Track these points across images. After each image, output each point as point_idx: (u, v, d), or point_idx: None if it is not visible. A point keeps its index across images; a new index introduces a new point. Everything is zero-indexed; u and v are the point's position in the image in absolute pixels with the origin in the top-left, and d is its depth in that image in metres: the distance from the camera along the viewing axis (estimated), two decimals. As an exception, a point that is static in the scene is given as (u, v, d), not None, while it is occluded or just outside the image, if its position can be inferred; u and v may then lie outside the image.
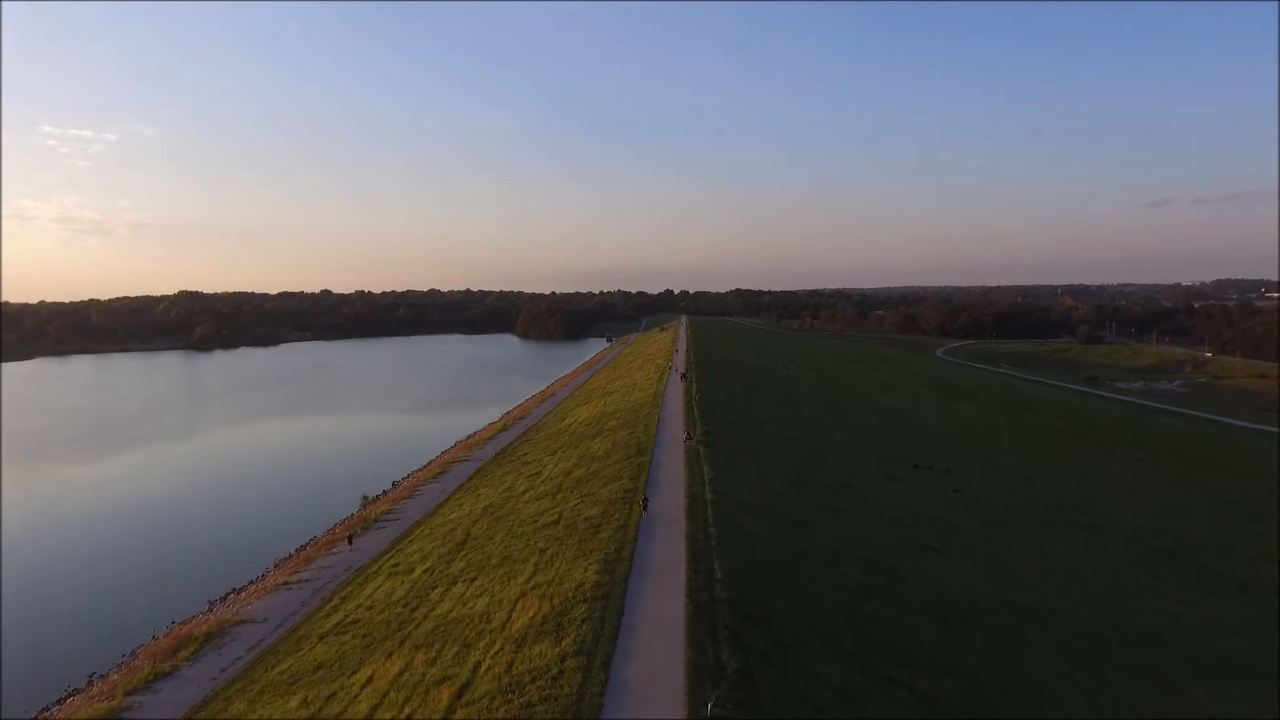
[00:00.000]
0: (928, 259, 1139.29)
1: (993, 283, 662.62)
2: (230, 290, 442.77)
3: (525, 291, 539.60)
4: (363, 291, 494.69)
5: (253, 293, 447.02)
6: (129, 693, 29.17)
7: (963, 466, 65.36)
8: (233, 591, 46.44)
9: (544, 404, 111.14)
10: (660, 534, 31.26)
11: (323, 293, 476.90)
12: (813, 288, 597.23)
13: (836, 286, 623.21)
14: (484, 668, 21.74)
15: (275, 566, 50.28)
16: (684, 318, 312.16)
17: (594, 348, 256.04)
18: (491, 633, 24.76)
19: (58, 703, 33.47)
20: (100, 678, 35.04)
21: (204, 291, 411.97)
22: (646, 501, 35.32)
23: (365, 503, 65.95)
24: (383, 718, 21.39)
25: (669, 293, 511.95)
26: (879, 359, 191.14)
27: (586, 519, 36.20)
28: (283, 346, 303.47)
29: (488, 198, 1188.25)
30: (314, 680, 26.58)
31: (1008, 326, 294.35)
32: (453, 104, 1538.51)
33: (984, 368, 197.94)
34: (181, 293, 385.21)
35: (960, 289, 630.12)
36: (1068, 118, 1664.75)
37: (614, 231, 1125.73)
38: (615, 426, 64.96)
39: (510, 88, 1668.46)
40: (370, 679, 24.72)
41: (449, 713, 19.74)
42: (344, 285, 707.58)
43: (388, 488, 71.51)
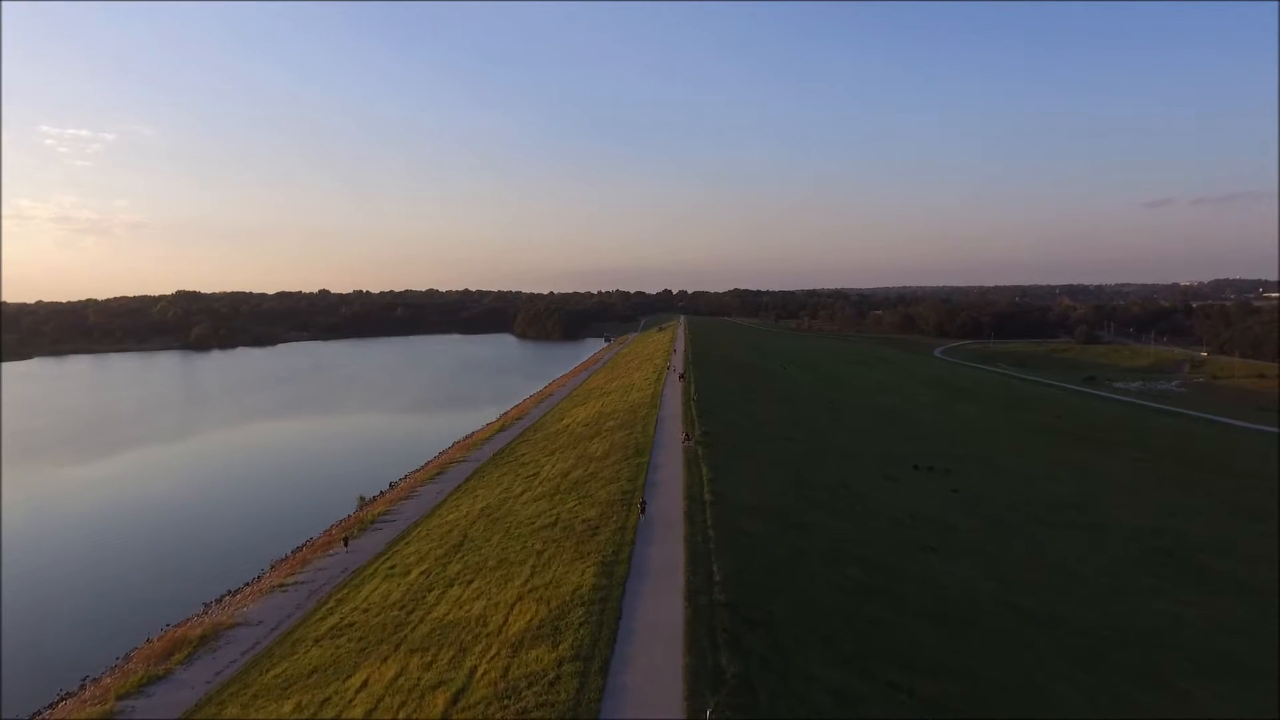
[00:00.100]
0: (926, 259, 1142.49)
1: (991, 283, 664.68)
2: (228, 290, 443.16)
3: (523, 291, 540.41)
4: (361, 291, 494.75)
5: (250, 293, 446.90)
6: (121, 697, 28.88)
7: (962, 467, 65.21)
8: (228, 593, 46.17)
9: (542, 404, 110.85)
10: (658, 536, 31.02)
11: (321, 293, 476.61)
12: (811, 288, 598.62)
13: (835, 286, 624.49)
14: (480, 672, 21.49)
15: (271, 568, 50.00)
16: (682, 318, 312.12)
17: (592, 348, 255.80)
18: (488, 636, 24.52)
19: (49, 706, 33.21)
20: (93, 681, 34.77)
21: (202, 291, 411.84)
22: (644, 503, 35.05)
23: (362, 504, 65.68)
24: (377, 723, 21.15)
25: (667, 293, 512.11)
26: (877, 359, 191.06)
27: (584, 521, 35.94)
28: (280, 346, 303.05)
29: (487, 198, 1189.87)
30: (308, 685, 26.31)
31: (1006, 326, 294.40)
32: (452, 104, 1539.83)
33: (982, 368, 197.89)
34: (179, 293, 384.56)
35: (958, 289, 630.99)
36: (1067, 118, 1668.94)
37: (613, 231, 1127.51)
38: (613, 427, 64.70)
39: (510, 88, 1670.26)
40: (365, 683, 24.46)
41: (444, 719, 19.50)
42: (342, 285, 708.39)
43: (385, 489, 71.22)
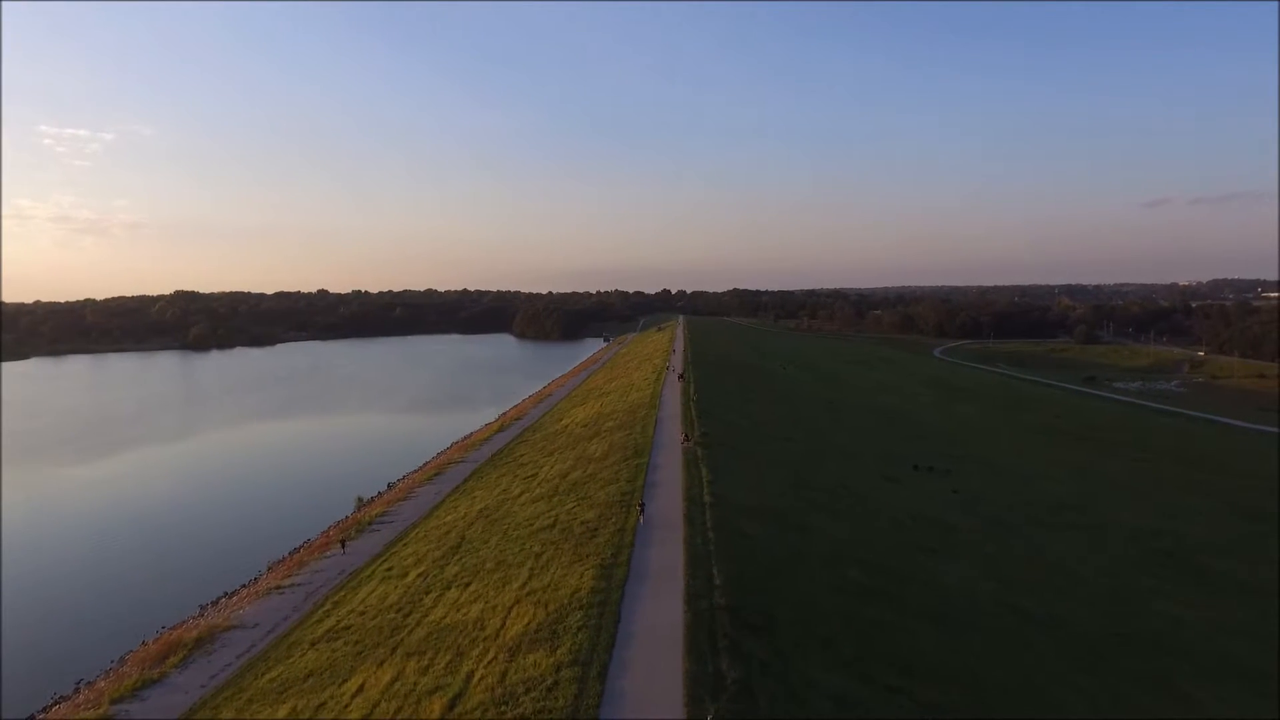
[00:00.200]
0: (925, 259, 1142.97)
1: (990, 282, 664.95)
2: (226, 290, 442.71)
3: (522, 291, 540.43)
4: (360, 291, 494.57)
5: (249, 292, 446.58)
6: (115, 701, 28.61)
7: (962, 467, 65.07)
8: (224, 595, 45.91)
9: (541, 404, 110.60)
10: (658, 538, 30.79)
11: (319, 292, 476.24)
12: (810, 287, 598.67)
13: (834, 286, 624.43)
14: (477, 677, 21.27)
15: (268, 570, 49.73)
16: (681, 318, 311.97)
17: (591, 348, 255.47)
18: (485, 641, 24.30)
19: (43, 710, 32.98)
20: (88, 684, 34.52)
21: (200, 291, 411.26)
22: (644, 505, 34.82)
23: (360, 504, 65.46)
24: (373, 728, 20.92)
25: (666, 292, 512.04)
26: (877, 359, 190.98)
27: (583, 522, 35.71)
28: (279, 346, 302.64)
29: (486, 197, 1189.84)
30: (304, 689, 26.07)
31: (1005, 326, 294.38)
32: (452, 104, 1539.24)
33: (982, 368, 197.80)
34: (177, 292, 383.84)
35: (958, 289, 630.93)
36: (1066, 118, 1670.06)
37: (612, 231, 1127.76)
38: (612, 428, 64.48)
39: (510, 88, 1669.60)
40: (361, 688, 24.22)
41: (441, 724, 19.29)
42: (341, 285, 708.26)
43: (383, 489, 70.99)
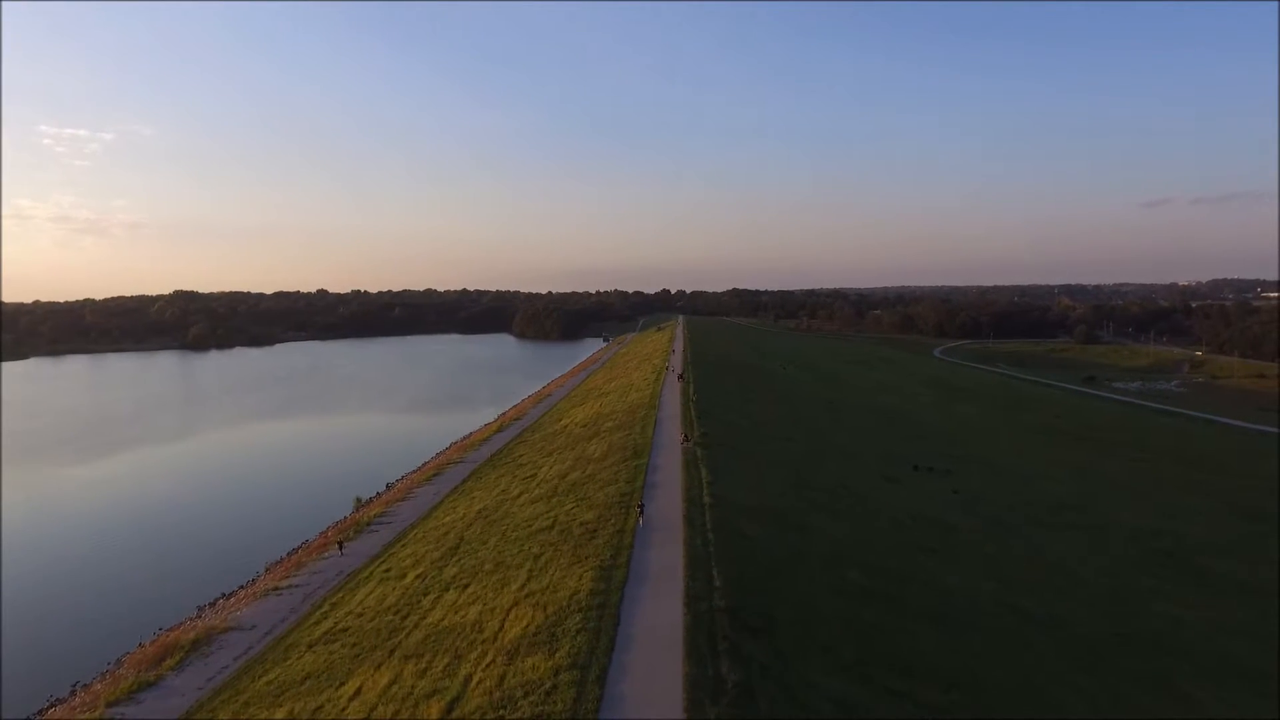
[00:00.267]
0: (925, 259, 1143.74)
1: (990, 282, 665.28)
2: (226, 290, 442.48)
3: (522, 291, 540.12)
4: (359, 291, 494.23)
5: (248, 292, 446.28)
6: (111, 704, 28.45)
7: (962, 467, 64.96)
8: (222, 596, 45.75)
9: (540, 404, 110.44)
10: (657, 539, 30.63)
11: (319, 292, 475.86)
12: (810, 287, 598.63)
13: (834, 286, 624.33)
14: (475, 681, 21.11)
15: (266, 571, 49.55)
16: (681, 318, 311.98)
17: (590, 348, 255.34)
18: (483, 643, 24.14)
19: (39, 713, 32.83)
20: (83, 687, 34.36)
21: (199, 291, 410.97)
22: (643, 505, 34.67)
23: (358, 505, 65.28)
24: (371, 731, 20.76)
25: (666, 292, 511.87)
26: (877, 359, 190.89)
27: (582, 524, 35.56)
28: (278, 346, 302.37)
29: (486, 197, 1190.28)
30: (301, 692, 25.92)
31: (1005, 326, 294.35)
32: (452, 104, 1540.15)
33: (981, 368, 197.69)
34: (177, 292, 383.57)
35: (957, 289, 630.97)
36: (1066, 118, 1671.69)
37: (611, 231, 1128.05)
38: (612, 428, 64.32)
39: (510, 88, 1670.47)
40: (358, 691, 24.07)
41: (438, 728, 19.14)
42: (340, 285, 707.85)
43: (381, 490, 70.85)
